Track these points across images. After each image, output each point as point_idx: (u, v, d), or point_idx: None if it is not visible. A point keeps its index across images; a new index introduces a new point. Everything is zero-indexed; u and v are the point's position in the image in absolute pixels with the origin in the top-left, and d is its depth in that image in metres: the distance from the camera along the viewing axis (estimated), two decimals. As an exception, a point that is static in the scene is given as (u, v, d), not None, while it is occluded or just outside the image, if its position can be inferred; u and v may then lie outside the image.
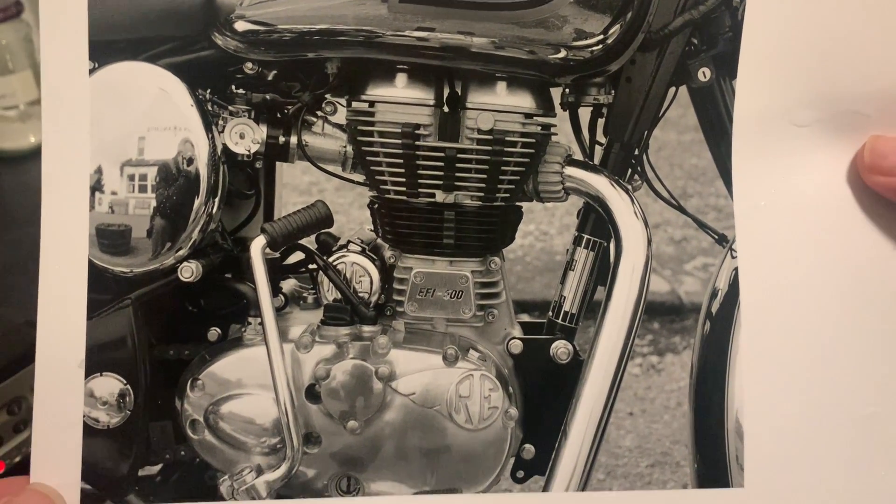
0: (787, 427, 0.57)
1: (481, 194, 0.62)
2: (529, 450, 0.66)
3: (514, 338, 0.66)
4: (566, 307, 0.67)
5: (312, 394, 0.62)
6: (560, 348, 0.66)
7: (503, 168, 0.61)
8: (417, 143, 0.61)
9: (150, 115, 0.59)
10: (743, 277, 0.58)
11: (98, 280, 0.58)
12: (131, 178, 0.59)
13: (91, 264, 0.57)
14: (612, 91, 0.64)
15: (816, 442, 0.57)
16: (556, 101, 0.64)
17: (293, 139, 0.64)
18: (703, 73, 0.63)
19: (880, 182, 0.56)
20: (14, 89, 1.05)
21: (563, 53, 0.58)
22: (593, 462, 0.63)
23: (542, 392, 0.66)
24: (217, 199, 0.61)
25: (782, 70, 0.57)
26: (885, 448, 0.58)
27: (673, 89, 0.65)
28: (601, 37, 0.58)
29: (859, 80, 0.57)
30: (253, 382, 0.61)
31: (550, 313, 0.67)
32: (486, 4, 0.56)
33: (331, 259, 0.63)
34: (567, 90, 0.65)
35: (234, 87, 0.64)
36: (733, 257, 0.61)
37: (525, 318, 0.69)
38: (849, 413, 0.57)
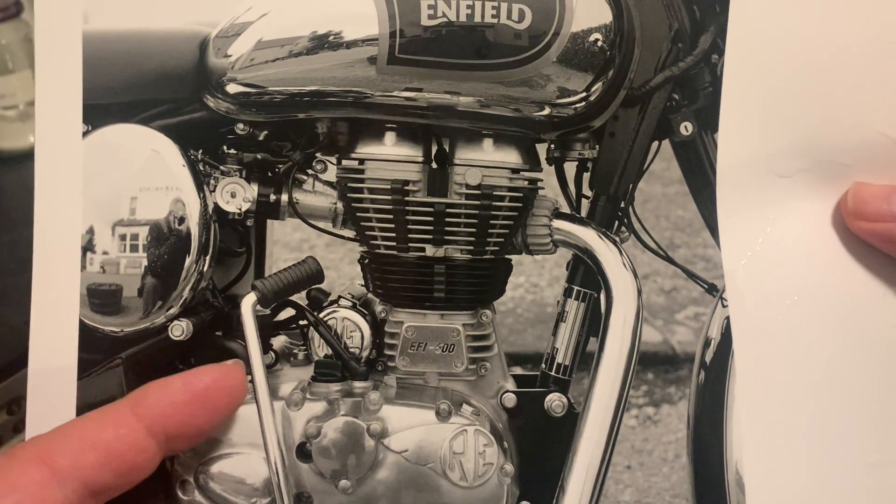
0: (789, 478, 0.57)
1: (471, 248, 0.63)
2: (526, 507, 0.65)
3: (507, 391, 0.66)
4: (559, 359, 0.66)
5: (303, 452, 0.61)
6: (555, 401, 0.65)
7: (492, 222, 0.62)
8: (407, 198, 0.61)
9: (142, 176, 0.60)
10: (735, 327, 0.59)
11: (89, 340, 0.58)
12: (123, 237, 0.59)
13: (82, 324, 0.57)
14: (597, 146, 0.65)
15: (820, 493, 0.56)
16: (542, 156, 0.65)
17: (284, 197, 0.65)
18: (685, 127, 0.65)
19: (863, 227, 0.56)
20: (14, 89, 1.05)
21: (547, 111, 0.59)
22: (593, 519, 0.62)
23: (538, 446, 0.65)
24: (208, 258, 0.62)
25: (763, 123, 0.59)
26: (890, 497, 0.57)
27: (656, 143, 0.66)
28: (584, 94, 0.59)
29: (838, 132, 0.58)
30: (243, 441, 0.61)
31: (543, 365, 0.67)
32: (471, 65, 0.58)
33: (321, 315, 0.64)
34: (552, 146, 0.66)
35: (225, 147, 0.65)
36: (724, 306, 0.62)
37: (518, 370, 0.68)
38: (851, 462, 0.57)
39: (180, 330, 0.62)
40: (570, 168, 0.68)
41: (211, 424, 0.49)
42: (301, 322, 0.66)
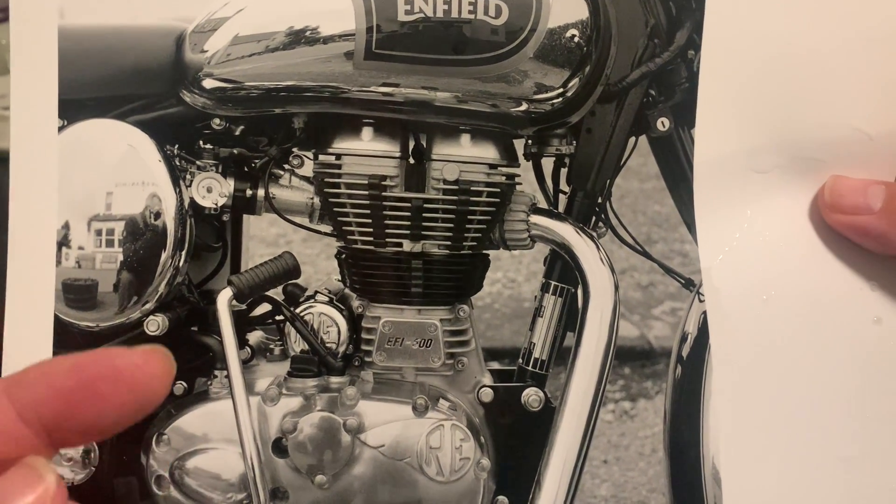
0: (766, 472, 0.57)
1: (448, 243, 0.63)
2: (503, 502, 0.65)
3: (484, 386, 0.66)
4: (536, 354, 0.67)
5: (279, 448, 0.61)
6: (531, 396, 0.65)
7: (469, 217, 0.62)
8: (384, 193, 0.62)
9: (118, 171, 0.60)
10: (712, 321, 0.59)
11: (64, 335, 0.58)
12: (98, 232, 0.59)
13: (57, 319, 0.57)
14: (574, 141, 0.65)
15: (796, 487, 0.57)
16: (520, 151, 0.66)
17: (260, 192, 0.65)
18: (662, 122, 0.65)
19: (840, 220, 0.56)
20: (13, 89, 1.05)
21: (524, 106, 0.60)
22: (569, 513, 0.62)
23: (515, 441, 0.65)
24: (184, 253, 0.62)
25: (739, 119, 0.59)
26: (866, 491, 0.57)
27: (633, 139, 0.66)
28: (561, 90, 0.59)
29: (814, 128, 0.58)
30: (219, 437, 0.61)
31: (520, 360, 0.67)
32: (448, 61, 0.58)
33: (298, 310, 0.64)
34: (530, 141, 0.66)
35: (201, 142, 0.65)
36: (701, 301, 0.62)
37: (495, 365, 0.69)
38: (828, 456, 0.57)
39: (156, 325, 0.62)
40: (548, 163, 0.68)
41: (106, 421, 0.37)
42: (277, 317, 0.66)
